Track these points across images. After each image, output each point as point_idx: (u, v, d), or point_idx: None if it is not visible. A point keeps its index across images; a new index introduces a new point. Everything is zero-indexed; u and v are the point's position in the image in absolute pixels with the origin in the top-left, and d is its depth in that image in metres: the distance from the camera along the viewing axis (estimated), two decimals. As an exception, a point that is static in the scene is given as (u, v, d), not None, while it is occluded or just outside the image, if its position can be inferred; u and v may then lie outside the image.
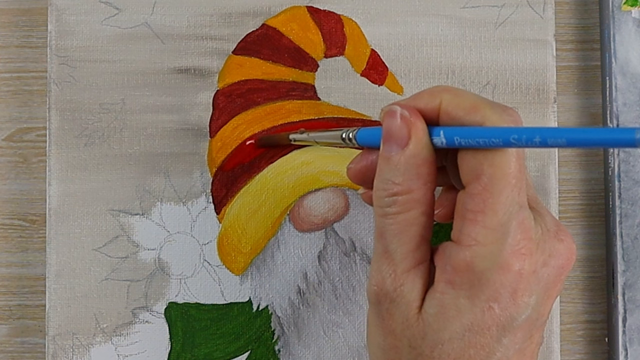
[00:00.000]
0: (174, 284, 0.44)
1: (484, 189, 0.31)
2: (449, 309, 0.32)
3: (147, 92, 0.45)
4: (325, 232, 0.44)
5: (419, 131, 0.33)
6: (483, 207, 0.31)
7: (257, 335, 0.44)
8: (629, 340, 0.44)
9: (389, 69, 0.45)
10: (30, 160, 0.47)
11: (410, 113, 0.33)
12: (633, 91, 0.45)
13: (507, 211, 0.31)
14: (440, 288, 0.32)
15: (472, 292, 0.31)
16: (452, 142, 0.32)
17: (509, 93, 0.45)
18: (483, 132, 0.31)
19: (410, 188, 0.33)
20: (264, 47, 0.45)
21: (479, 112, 0.32)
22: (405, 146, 0.32)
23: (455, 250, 0.32)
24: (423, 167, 0.33)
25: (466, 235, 0.32)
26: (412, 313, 0.33)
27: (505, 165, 0.31)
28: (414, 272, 0.33)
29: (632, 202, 0.45)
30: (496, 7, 0.45)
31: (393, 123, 0.33)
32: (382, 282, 0.33)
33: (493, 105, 0.32)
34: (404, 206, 0.33)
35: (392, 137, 0.33)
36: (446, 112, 0.32)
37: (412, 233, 0.33)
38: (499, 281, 0.31)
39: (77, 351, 0.43)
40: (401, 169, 0.33)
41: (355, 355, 0.44)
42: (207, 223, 0.44)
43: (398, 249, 0.33)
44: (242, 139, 0.44)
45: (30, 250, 0.46)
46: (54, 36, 0.44)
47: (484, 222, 0.31)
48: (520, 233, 0.31)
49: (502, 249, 0.31)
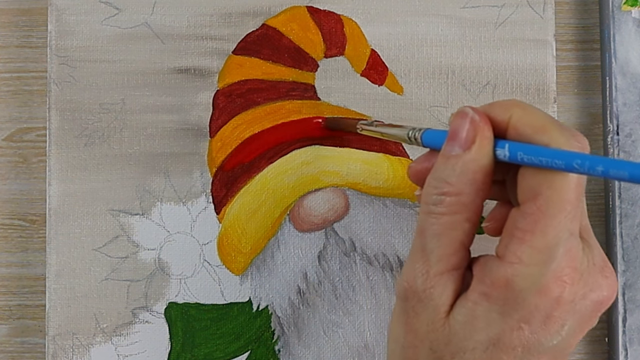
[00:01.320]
0: (174, 284, 0.44)
1: (538, 209, 0.31)
2: (479, 320, 0.32)
3: (147, 92, 0.45)
4: (325, 232, 0.44)
5: (485, 138, 0.32)
6: (533, 227, 0.31)
7: (257, 335, 0.44)
8: (629, 340, 0.44)
9: (389, 69, 0.45)
10: (30, 160, 0.47)
11: (480, 118, 0.32)
12: (633, 91, 0.45)
13: (556, 236, 0.31)
14: (473, 298, 0.32)
15: (505, 309, 0.31)
16: (515, 157, 0.32)
17: (509, 93, 0.45)
18: (547, 153, 0.30)
19: (460, 191, 0.32)
20: (264, 47, 0.45)
21: (547, 133, 0.31)
22: (468, 149, 0.32)
23: (497, 265, 0.32)
24: (479, 174, 0.32)
25: (511, 252, 0.31)
26: (438, 317, 0.32)
27: (564, 190, 0.31)
28: (447, 276, 0.33)
29: (632, 202, 0.45)
30: (496, 7, 0.45)
31: (462, 124, 0.33)
32: (413, 280, 0.33)
33: (562, 128, 0.32)
34: (450, 208, 0.32)
35: (457, 137, 0.33)
36: (514, 128, 0.32)
37: (452, 237, 0.32)
38: (534, 304, 0.31)
39: (77, 351, 0.43)
40: (457, 170, 0.32)
41: (355, 355, 0.44)
42: (207, 223, 0.44)
43: (435, 250, 0.32)
44: (242, 139, 0.44)
45: (30, 250, 0.46)
46: (54, 36, 0.44)
47: (532, 242, 0.31)
48: (565, 260, 0.31)
49: (544, 273, 0.31)
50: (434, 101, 0.45)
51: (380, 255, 0.44)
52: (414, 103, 0.45)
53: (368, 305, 0.44)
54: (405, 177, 0.44)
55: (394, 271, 0.44)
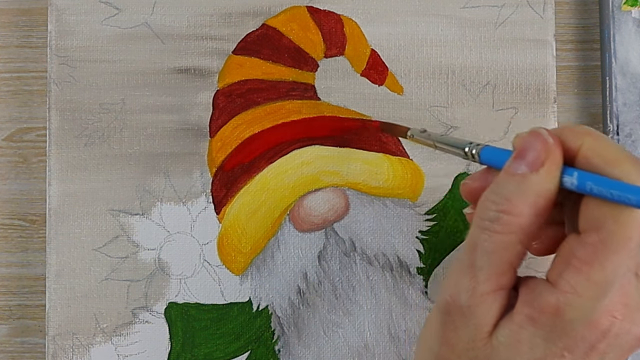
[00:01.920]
0: (174, 284, 0.44)
1: (600, 242, 0.30)
2: (522, 343, 0.31)
3: (147, 92, 0.45)
4: (325, 232, 0.44)
5: (555, 163, 0.32)
6: (593, 259, 0.30)
7: (257, 335, 0.44)
8: (629, 340, 0.44)
9: (389, 69, 0.45)
10: (30, 160, 0.47)
11: (554, 142, 0.32)
12: (633, 91, 0.45)
13: (614, 271, 0.30)
14: (519, 320, 0.32)
15: (551, 336, 0.31)
16: (584, 187, 0.31)
17: (509, 93, 0.45)
18: (620, 187, 0.30)
19: (520, 212, 0.31)
20: (264, 47, 0.45)
21: (620, 166, 0.30)
22: (535, 171, 0.31)
23: (548, 291, 0.31)
24: (542, 198, 0.31)
25: (566, 281, 0.31)
26: (480, 336, 0.32)
27: (630, 227, 0.30)
28: (493, 296, 0.32)
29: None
30: (496, 7, 0.45)
31: (534, 143, 0.32)
32: (457, 295, 0.32)
33: (636, 162, 0.31)
34: (506, 227, 0.32)
35: (527, 156, 0.32)
36: (585, 156, 0.31)
37: (504, 257, 0.32)
38: (582, 335, 0.31)
39: (77, 351, 0.43)
40: (521, 190, 0.31)
41: (355, 355, 0.44)
42: (207, 223, 0.44)
43: (485, 268, 0.32)
44: (242, 139, 0.44)
45: (30, 250, 0.46)
46: (54, 36, 0.44)
47: (589, 274, 0.30)
48: (618, 297, 0.31)
49: (597, 307, 0.31)
50: (434, 101, 0.45)
51: (380, 255, 0.44)
52: (414, 103, 0.45)
53: (368, 305, 0.44)
54: (405, 177, 0.44)
55: (394, 271, 0.44)
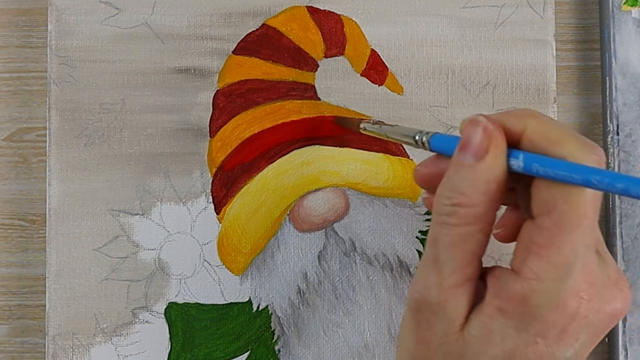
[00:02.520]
0: (174, 284, 0.44)
1: (554, 224, 0.30)
2: (494, 334, 0.31)
3: (147, 92, 0.45)
4: (325, 232, 0.44)
5: (499, 147, 0.32)
6: (550, 242, 0.30)
7: (257, 335, 0.44)
8: (629, 340, 0.44)
9: (389, 69, 0.45)
10: (30, 160, 0.47)
11: (494, 127, 0.32)
12: (633, 91, 0.45)
13: (573, 251, 0.30)
14: (488, 312, 0.32)
15: (521, 324, 0.31)
16: (530, 169, 0.31)
17: (509, 93, 0.45)
18: (565, 167, 0.30)
19: (474, 202, 0.32)
20: (264, 47, 0.45)
21: (564, 146, 0.31)
22: (481, 158, 0.32)
23: (513, 280, 0.31)
24: (493, 184, 0.32)
25: (528, 268, 0.31)
26: (453, 330, 0.32)
27: (580, 205, 0.30)
28: (461, 288, 0.32)
29: (632, 202, 0.45)
30: (496, 7, 0.45)
31: (475, 132, 0.32)
32: (426, 292, 0.32)
33: (580, 141, 0.31)
34: (463, 219, 0.32)
35: (470, 146, 0.32)
36: (529, 139, 0.32)
37: (466, 248, 0.32)
38: (551, 319, 0.31)
39: (77, 351, 0.43)
40: (470, 180, 0.32)
41: (355, 355, 0.44)
42: (207, 223, 0.44)
43: (448, 261, 0.32)
44: (242, 139, 0.44)
45: (30, 250, 0.46)
46: (54, 36, 0.44)
47: (549, 258, 0.30)
48: (582, 276, 0.31)
49: (562, 289, 0.31)
50: (434, 101, 0.45)
51: (380, 255, 0.44)
52: (414, 103, 0.45)
53: (368, 305, 0.44)
54: (405, 177, 0.44)
55: (394, 271, 0.44)
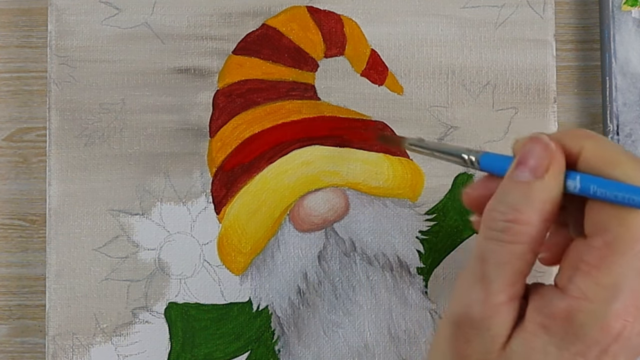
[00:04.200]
0: (174, 284, 0.44)
1: (606, 245, 0.30)
2: (536, 351, 0.31)
3: (147, 92, 0.45)
4: (325, 232, 0.44)
5: (558, 168, 0.31)
6: (600, 263, 0.30)
7: (257, 335, 0.44)
8: (629, 340, 0.44)
9: (389, 69, 0.45)
10: (30, 160, 0.47)
11: (555, 146, 0.31)
12: (633, 91, 0.45)
13: (623, 274, 0.30)
14: (531, 329, 0.31)
15: (563, 342, 0.31)
16: (587, 190, 0.31)
17: (509, 93, 0.45)
18: (623, 189, 0.30)
19: (529, 220, 0.31)
20: (264, 47, 0.45)
21: (620, 167, 0.30)
22: (540, 177, 0.31)
23: (558, 297, 0.31)
24: (549, 204, 0.31)
25: (575, 286, 0.31)
26: (495, 347, 0.32)
27: (635, 228, 0.30)
28: (506, 306, 0.32)
29: (632, 202, 0.45)
30: (496, 7, 0.45)
31: (535, 149, 0.32)
32: (470, 307, 0.32)
33: (637, 162, 0.31)
34: (517, 237, 0.31)
35: (529, 163, 0.32)
36: (586, 160, 0.31)
37: (516, 267, 0.32)
38: (594, 339, 0.30)
39: (77, 351, 0.43)
40: (527, 198, 0.31)
41: (355, 355, 0.44)
42: (207, 223, 0.44)
43: (498, 279, 0.32)
44: (242, 139, 0.44)
45: (30, 250, 0.46)
46: (54, 36, 0.44)
47: (598, 278, 0.30)
48: (630, 299, 0.31)
49: (608, 310, 0.30)
50: (434, 101, 0.45)
51: (380, 255, 0.44)
52: (414, 103, 0.45)
53: (368, 305, 0.44)
54: (405, 177, 0.44)
55: (394, 271, 0.44)
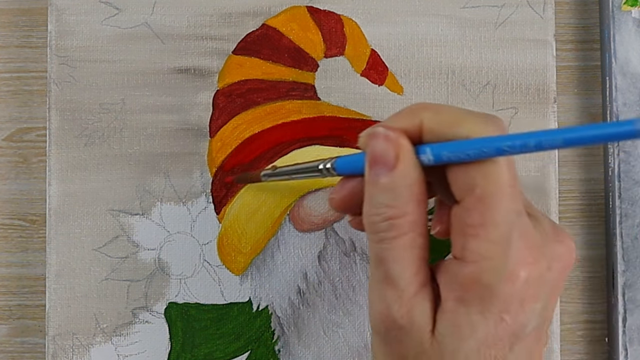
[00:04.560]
0: (174, 284, 0.44)
1: (480, 201, 0.30)
2: (462, 327, 0.31)
3: (147, 92, 0.45)
4: (325, 232, 0.44)
5: (406, 151, 0.31)
6: (482, 220, 0.30)
7: (257, 335, 0.44)
8: (629, 340, 0.44)
9: (389, 69, 0.45)
10: (30, 160, 0.47)
11: (394, 133, 0.32)
12: (633, 91, 0.45)
13: (507, 221, 0.30)
14: (450, 307, 0.31)
15: (483, 307, 0.31)
16: (441, 158, 0.31)
17: (509, 93, 0.45)
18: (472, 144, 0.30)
19: (405, 210, 0.31)
20: (264, 47, 0.45)
21: (462, 126, 0.31)
22: (395, 168, 0.31)
23: (460, 267, 0.31)
24: (414, 187, 0.32)
25: (470, 251, 0.31)
26: (425, 337, 0.32)
27: (498, 175, 0.30)
28: (420, 295, 0.32)
29: (632, 202, 0.45)
30: (496, 7, 0.45)
31: (378, 145, 0.32)
32: (388, 310, 0.32)
33: (475, 115, 0.31)
34: (401, 229, 0.32)
35: (379, 160, 0.32)
36: (429, 130, 0.31)
37: (413, 256, 0.32)
38: (508, 292, 0.31)
39: (77, 351, 0.43)
40: (393, 191, 0.31)
41: (355, 355, 0.44)
42: (207, 223, 0.44)
43: (401, 274, 0.32)
44: (242, 139, 0.44)
45: (30, 250, 0.46)
46: (54, 36, 0.44)
47: (486, 236, 0.30)
48: (523, 242, 0.31)
49: (507, 261, 0.30)
50: (434, 101, 0.45)
51: (380, 255, 0.44)
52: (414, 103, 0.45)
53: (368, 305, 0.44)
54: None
55: (394, 271, 0.44)
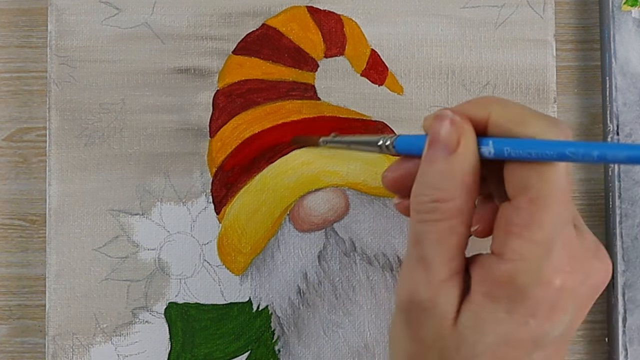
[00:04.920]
0: (174, 284, 0.44)
1: (531, 202, 0.30)
2: (486, 321, 0.31)
3: (147, 92, 0.45)
4: (325, 232, 0.44)
5: (469, 138, 0.32)
6: (529, 221, 0.30)
7: (257, 335, 0.44)
8: (629, 340, 0.44)
9: (389, 69, 0.45)
10: (30, 160, 0.47)
11: (461, 118, 0.32)
12: (633, 91, 0.45)
13: (553, 227, 0.30)
14: (477, 300, 0.32)
15: (511, 306, 0.31)
16: (502, 153, 0.31)
17: (509, 93, 0.45)
18: (536, 145, 0.30)
19: (453, 195, 0.32)
20: (264, 47, 0.45)
21: (529, 125, 0.31)
22: (454, 152, 0.32)
23: (497, 263, 0.31)
24: (468, 175, 0.32)
25: (510, 249, 0.31)
26: (446, 324, 0.32)
27: (555, 180, 0.30)
28: (450, 282, 0.32)
29: (632, 202, 0.45)
30: (496, 7, 0.45)
31: (443, 127, 0.32)
32: (416, 290, 0.32)
33: (543, 118, 0.31)
34: (445, 214, 0.32)
35: (441, 141, 0.32)
36: (495, 124, 0.32)
37: (451, 242, 0.32)
38: (539, 297, 0.31)
39: (77, 351, 0.43)
40: (447, 175, 0.32)
41: (355, 355, 0.44)
42: (207, 223, 0.44)
43: (436, 257, 0.32)
44: (242, 139, 0.44)
45: (30, 250, 0.46)
46: (54, 36, 0.44)
47: (530, 236, 0.30)
48: (564, 250, 0.31)
49: (545, 265, 0.31)
50: (434, 101, 0.45)
51: (380, 255, 0.44)
52: (414, 103, 0.45)
53: (368, 305, 0.44)
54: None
55: (394, 271, 0.44)
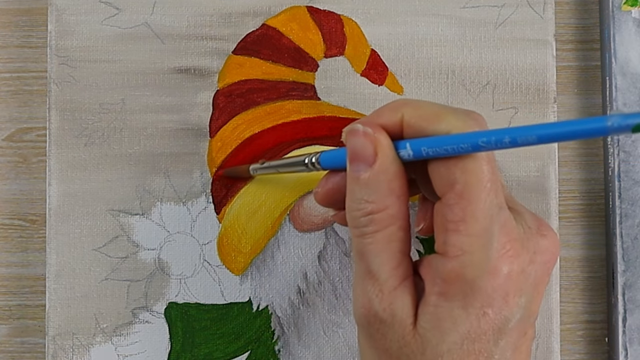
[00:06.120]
0: (174, 284, 0.44)
1: (460, 197, 0.31)
2: (444, 320, 0.32)
3: (147, 92, 0.45)
4: (325, 232, 0.44)
5: (384, 146, 0.32)
6: (463, 215, 0.31)
7: (257, 335, 0.44)
8: (629, 340, 0.44)
9: (389, 69, 0.45)
10: (30, 160, 0.47)
11: (373, 129, 0.33)
12: (633, 91, 0.45)
13: (487, 216, 0.31)
14: (432, 301, 0.32)
15: (465, 301, 0.31)
16: (420, 153, 0.32)
17: (509, 93, 0.45)
18: (450, 140, 0.31)
19: (384, 205, 0.32)
20: (264, 47, 0.45)
21: (442, 121, 0.31)
22: (373, 163, 0.32)
23: (443, 262, 0.32)
24: (394, 182, 0.32)
25: (451, 246, 0.31)
26: (407, 330, 0.32)
27: (477, 170, 0.31)
28: (401, 288, 0.33)
29: (632, 202, 0.45)
30: (496, 7, 0.45)
31: (357, 142, 0.33)
32: (370, 304, 0.33)
33: (455, 111, 0.32)
34: (381, 224, 0.32)
35: (358, 156, 0.33)
36: (409, 126, 0.32)
37: (393, 250, 0.33)
38: (490, 286, 0.31)
39: (77, 351, 0.43)
40: (372, 186, 0.32)
41: (355, 355, 0.44)
42: (207, 223, 0.44)
43: (381, 267, 0.32)
44: (242, 139, 0.44)
45: (30, 250, 0.46)
46: (54, 36, 0.44)
47: (467, 230, 0.31)
48: (504, 235, 0.31)
49: (489, 255, 0.31)
50: (434, 101, 0.45)
51: (380, 255, 0.44)
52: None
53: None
54: (405, 177, 0.44)
55: (394, 271, 0.44)
